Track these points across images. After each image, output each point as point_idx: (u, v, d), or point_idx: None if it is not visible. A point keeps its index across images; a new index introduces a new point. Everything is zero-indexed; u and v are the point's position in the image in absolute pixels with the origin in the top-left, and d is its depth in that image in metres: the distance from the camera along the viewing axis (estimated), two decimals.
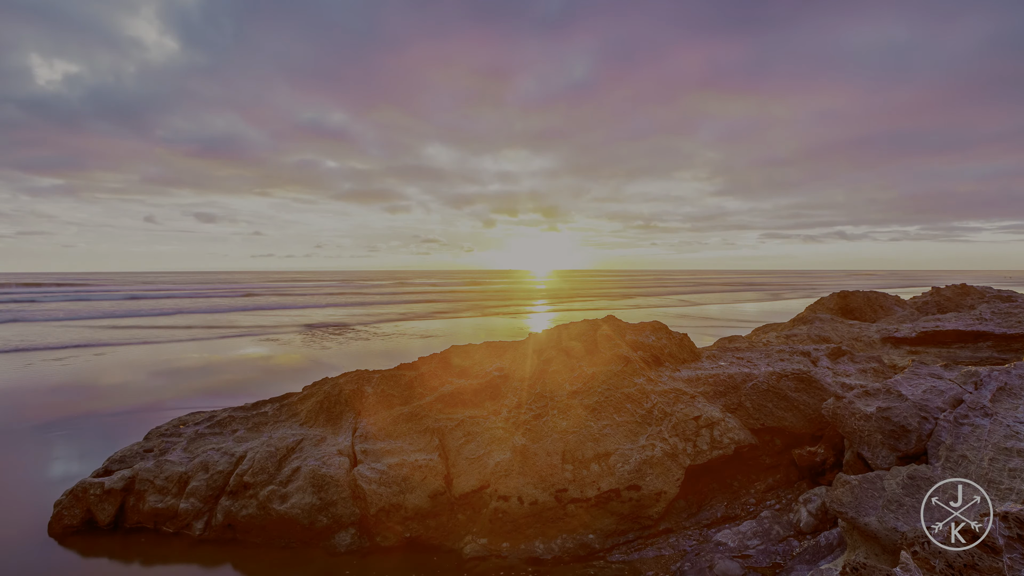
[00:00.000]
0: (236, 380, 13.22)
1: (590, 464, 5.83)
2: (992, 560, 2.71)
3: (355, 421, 7.24)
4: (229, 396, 11.24)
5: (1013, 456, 4.30)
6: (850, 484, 4.50)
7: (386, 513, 5.61)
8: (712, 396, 6.91)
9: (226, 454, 6.46)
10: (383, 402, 7.57)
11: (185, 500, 5.92)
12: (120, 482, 6.07)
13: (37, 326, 24.93)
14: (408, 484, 5.82)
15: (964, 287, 14.51)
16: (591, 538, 5.46)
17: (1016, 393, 5.23)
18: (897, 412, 5.35)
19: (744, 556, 4.92)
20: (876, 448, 5.28)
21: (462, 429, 6.66)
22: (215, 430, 7.32)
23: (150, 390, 12.06)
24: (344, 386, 7.73)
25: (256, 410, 7.91)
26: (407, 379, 7.97)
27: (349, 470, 6.06)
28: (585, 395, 6.79)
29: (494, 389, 7.50)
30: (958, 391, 5.67)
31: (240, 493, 5.94)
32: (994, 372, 5.75)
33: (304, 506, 5.65)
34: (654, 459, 5.84)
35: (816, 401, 6.70)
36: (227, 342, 20.05)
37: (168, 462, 6.38)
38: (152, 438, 7.17)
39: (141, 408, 10.50)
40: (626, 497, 5.58)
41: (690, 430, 6.22)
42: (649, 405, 6.56)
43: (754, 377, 7.10)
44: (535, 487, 5.67)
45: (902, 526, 3.92)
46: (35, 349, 17.85)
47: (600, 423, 6.31)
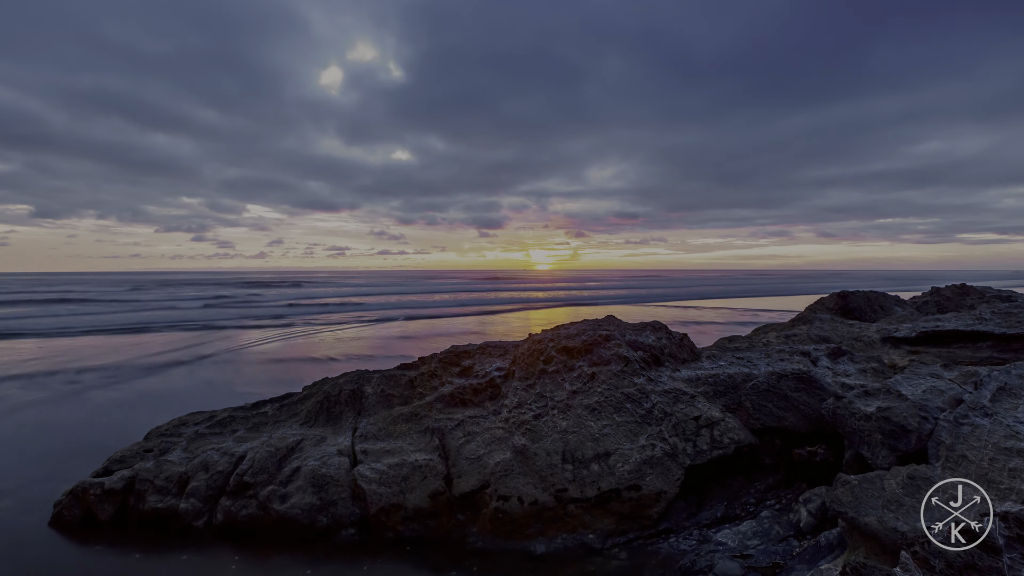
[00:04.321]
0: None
1: (590, 464, 5.83)
2: (992, 560, 2.72)
3: (355, 421, 7.25)
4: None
5: (1013, 456, 4.30)
6: (850, 484, 4.50)
7: (386, 513, 5.61)
8: (712, 396, 6.91)
9: (226, 454, 6.46)
10: (383, 402, 7.58)
11: (185, 500, 5.93)
12: (120, 482, 6.08)
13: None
14: (408, 484, 5.82)
15: (964, 287, 14.53)
16: (591, 538, 5.46)
17: (1016, 393, 5.23)
18: (897, 412, 5.35)
19: (744, 556, 4.92)
20: (876, 448, 5.28)
21: (462, 429, 6.67)
22: (215, 430, 7.32)
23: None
24: (344, 386, 7.74)
25: (256, 410, 7.92)
26: (407, 379, 7.98)
27: (349, 470, 6.07)
28: (585, 395, 6.79)
29: (494, 389, 7.50)
30: (958, 391, 5.67)
31: (240, 493, 5.94)
32: (994, 372, 5.76)
33: (304, 506, 5.65)
34: (654, 459, 5.84)
35: (816, 401, 6.71)
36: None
37: (168, 462, 6.39)
38: (152, 438, 7.18)
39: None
40: (626, 497, 5.59)
41: (690, 430, 6.22)
42: (649, 405, 6.56)
43: (754, 377, 7.11)
44: (535, 487, 5.67)
45: (902, 526, 3.92)
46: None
47: (600, 423, 6.31)
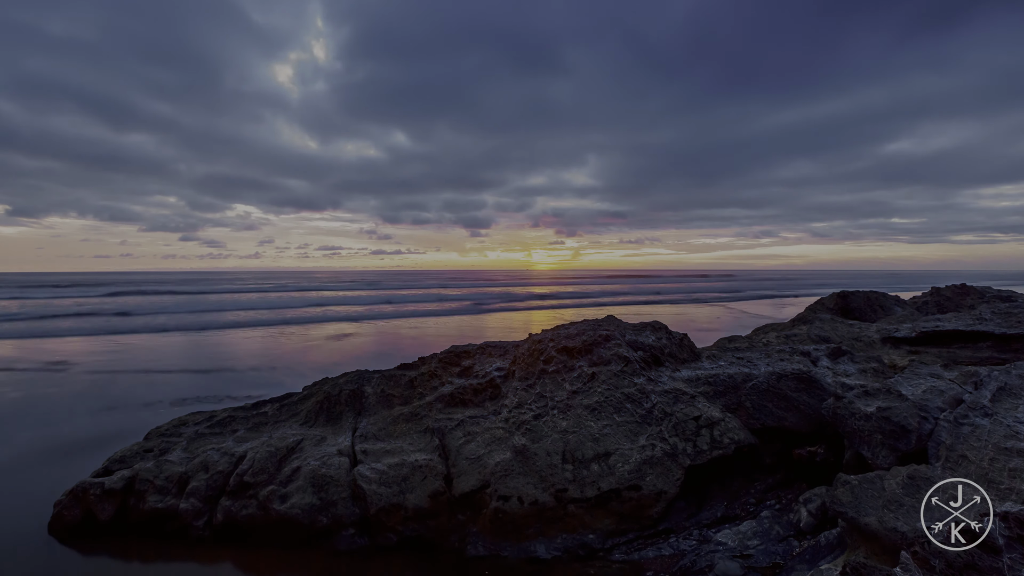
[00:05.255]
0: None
1: (590, 464, 5.83)
2: (992, 560, 2.72)
3: (355, 421, 7.25)
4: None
5: (1013, 456, 4.30)
6: (850, 484, 4.50)
7: (386, 513, 5.61)
8: (712, 396, 6.91)
9: (226, 454, 6.46)
10: (383, 402, 7.58)
11: (185, 500, 5.92)
12: (120, 482, 6.07)
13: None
14: (408, 484, 5.82)
15: (964, 287, 14.54)
16: (591, 538, 5.46)
17: (1016, 393, 5.23)
18: (897, 412, 5.35)
19: (744, 556, 4.92)
20: (876, 448, 5.28)
21: (462, 429, 6.67)
22: (215, 430, 7.32)
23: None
24: (344, 386, 7.74)
25: (256, 410, 7.92)
26: (407, 379, 7.98)
27: (349, 470, 6.07)
28: (585, 395, 6.79)
29: (494, 389, 7.51)
30: (958, 391, 5.67)
31: (240, 493, 5.94)
32: (994, 372, 5.76)
33: (304, 506, 5.65)
34: (654, 459, 5.85)
35: (816, 401, 6.71)
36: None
37: (168, 462, 6.38)
38: (152, 438, 7.18)
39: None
40: (626, 497, 5.59)
41: (690, 430, 6.22)
42: (649, 405, 6.56)
43: (754, 377, 7.11)
44: (535, 487, 5.67)
45: (902, 526, 3.92)
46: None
47: (600, 423, 6.31)
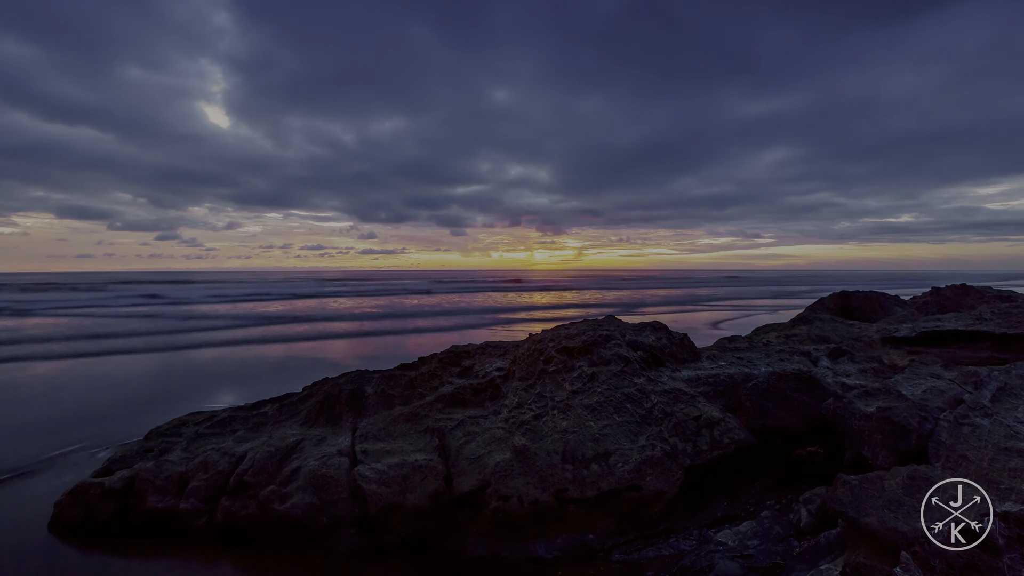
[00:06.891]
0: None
1: (590, 464, 5.83)
2: (992, 560, 2.72)
3: (355, 421, 7.25)
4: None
5: (1013, 456, 4.30)
6: (850, 484, 4.50)
7: (386, 513, 5.61)
8: (712, 396, 6.91)
9: (226, 454, 6.46)
10: (383, 402, 7.58)
11: (185, 500, 5.92)
12: (120, 482, 6.07)
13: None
14: (408, 484, 5.82)
15: (964, 287, 14.52)
16: (591, 538, 5.46)
17: (1016, 393, 5.23)
18: (897, 412, 5.35)
19: (744, 556, 4.92)
20: (876, 448, 5.28)
21: (462, 429, 6.67)
22: (215, 430, 7.32)
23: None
24: (344, 386, 7.74)
25: (256, 410, 7.92)
26: (407, 379, 7.98)
27: (349, 470, 6.07)
28: (585, 395, 6.79)
29: (494, 389, 7.50)
30: (958, 391, 5.67)
31: (240, 493, 5.94)
32: (994, 372, 5.76)
33: (304, 506, 5.65)
34: (654, 459, 5.84)
35: (816, 401, 6.71)
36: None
37: (168, 462, 6.38)
38: (152, 438, 7.18)
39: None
40: (626, 497, 5.59)
41: (690, 430, 6.22)
42: (649, 405, 6.56)
43: (754, 377, 7.11)
44: (535, 487, 5.67)
45: (902, 526, 3.92)
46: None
47: (600, 423, 6.31)
